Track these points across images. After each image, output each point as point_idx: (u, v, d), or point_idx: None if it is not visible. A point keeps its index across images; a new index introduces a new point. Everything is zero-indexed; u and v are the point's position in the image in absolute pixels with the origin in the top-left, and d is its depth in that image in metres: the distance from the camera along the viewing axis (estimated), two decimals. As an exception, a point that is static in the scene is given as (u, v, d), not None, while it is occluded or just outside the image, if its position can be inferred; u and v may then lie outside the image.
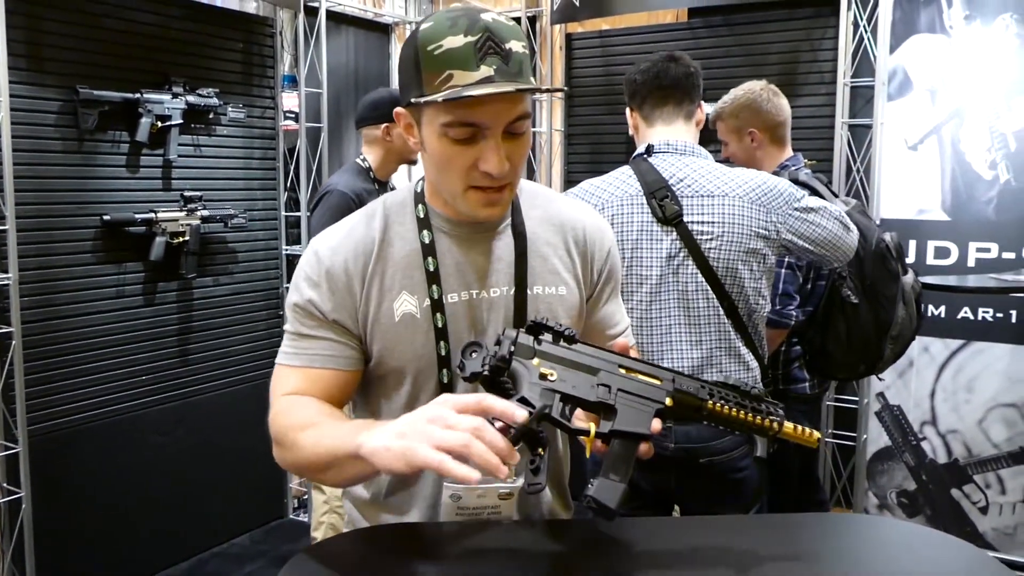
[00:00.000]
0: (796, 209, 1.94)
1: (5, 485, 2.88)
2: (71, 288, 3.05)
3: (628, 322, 1.50)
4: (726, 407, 1.13)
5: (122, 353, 3.23)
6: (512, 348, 1.10)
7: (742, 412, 1.13)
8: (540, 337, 1.13)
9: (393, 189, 2.83)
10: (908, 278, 2.47)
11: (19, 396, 2.84)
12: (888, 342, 2.45)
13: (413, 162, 3.17)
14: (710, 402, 1.13)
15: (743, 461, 1.96)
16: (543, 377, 1.09)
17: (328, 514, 2.67)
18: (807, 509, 2.88)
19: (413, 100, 1.17)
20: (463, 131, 1.15)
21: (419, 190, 1.33)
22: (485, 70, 1.11)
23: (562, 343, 1.13)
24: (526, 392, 1.07)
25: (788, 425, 1.14)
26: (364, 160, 3.02)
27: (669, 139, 1.99)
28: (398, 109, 1.25)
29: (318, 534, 3.05)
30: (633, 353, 1.46)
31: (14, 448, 2.85)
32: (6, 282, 2.79)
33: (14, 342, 2.81)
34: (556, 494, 1.41)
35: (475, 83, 1.11)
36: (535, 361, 1.10)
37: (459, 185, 1.20)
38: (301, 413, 1.21)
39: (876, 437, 3.54)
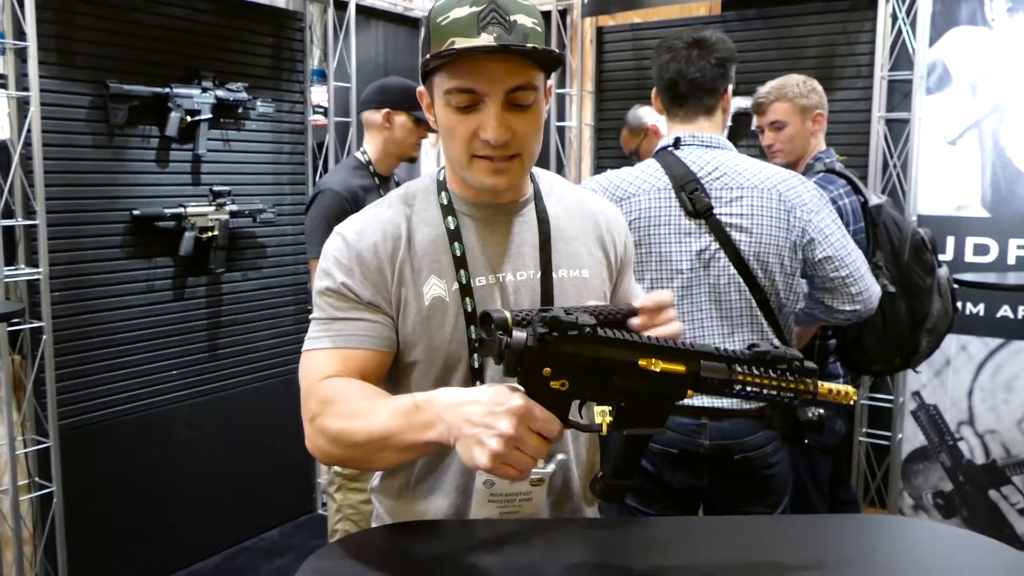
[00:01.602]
0: (818, 213, 1.92)
1: (37, 479, 2.90)
2: (101, 283, 3.06)
3: (639, 287, 1.52)
4: (754, 378, 1.10)
5: (152, 348, 3.24)
6: (519, 366, 1.04)
7: (771, 385, 1.11)
8: (551, 345, 1.04)
9: (398, 183, 2.73)
10: (943, 271, 2.45)
11: (50, 391, 2.85)
12: (924, 335, 2.43)
13: (413, 159, 2.91)
14: (740, 375, 1.10)
15: (775, 457, 1.95)
16: (554, 389, 1.05)
17: (342, 521, 2.63)
18: (836, 509, 2.83)
19: (421, 70, 1.22)
20: (462, 98, 1.17)
21: (441, 178, 1.33)
22: (485, 37, 1.13)
23: (575, 351, 1.06)
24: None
25: (824, 386, 1.13)
26: (364, 153, 2.80)
27: (695, 132, 1.96)
28: (420, 89, 1.28)
29: (332, 541, 3.01)
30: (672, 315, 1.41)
31: (45, 442, 2.87)
32: (36, 277, 2.80)
33: (45, 337, 2.82)
34: (586, 486, 1.39)
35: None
36: (546, 371, 1.05)
37: (464, 155, 1.21)
38: (351, 392, 1.18)
39: (912, 437, 3.48)
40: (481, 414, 1.02)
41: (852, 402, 1.16)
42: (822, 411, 1.89)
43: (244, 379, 3.58)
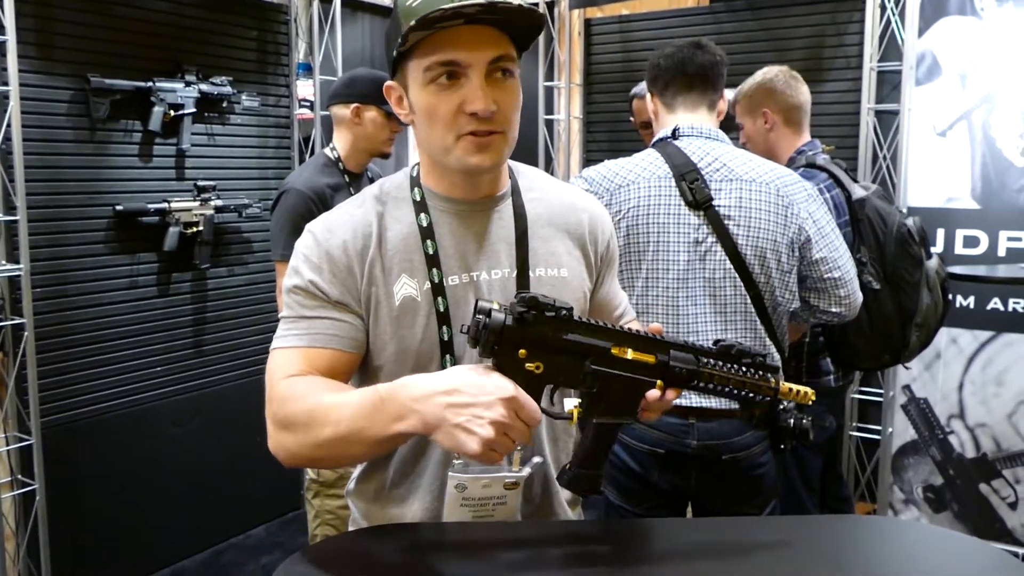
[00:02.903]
0: (816, 212, 1.91)
1: (19, 477, 2.88)
2: (83, 279, 3.03)
3: (625, 296, 1.51)
4: (719, 376, 1.15)
5: (136, 344, 3.21)
6: (496, 345, 1.06)
7: (736, 379, 1.15)
8: (529, 325, 1.07)
9: (371, 179, 2.66)
10: (932, 263, 2.40)
11: (32, 388, 2.83)
12: (913, 330, 2.39)
13: (386, 155, 2.74)
14: (705, 372, 1.14)
15: (763, 457, 1.92)
16: (529, 372, 1.08)
17: (321, 527, 2.60)
18: (830, 506, 2.82)
19: (395, 55, 1.17)
20: (444, 71, 1.14)
21: (414, 174, 1.30)
22: (458, 4, 1.09)
23: (552, 332, 1.09)
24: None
25: (784, 384, 1.18)
26: (333, 149, 2.67)
27: (694, 123, 1.94)
28: (388, 83, 1.24)
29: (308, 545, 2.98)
30: (635, 324, 1.43)
31: (27, 440, 2.84)
32: (17, 273, 2.77)
33: (26, 333, 2.79)
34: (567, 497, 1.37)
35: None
36: (521, 352, 1.07)
37: (450, 136, 1.17)
38: (312, 390, 1.15)
39: (902, 430, 3.46)
40: (466, 403, 1.02)
41: (811, 402, 1.20)
42: (806, 419, 1.89)
43: (230, 375, 3.55)
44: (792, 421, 1.88)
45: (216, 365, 3.51)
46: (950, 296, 2.50)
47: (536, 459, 1.25)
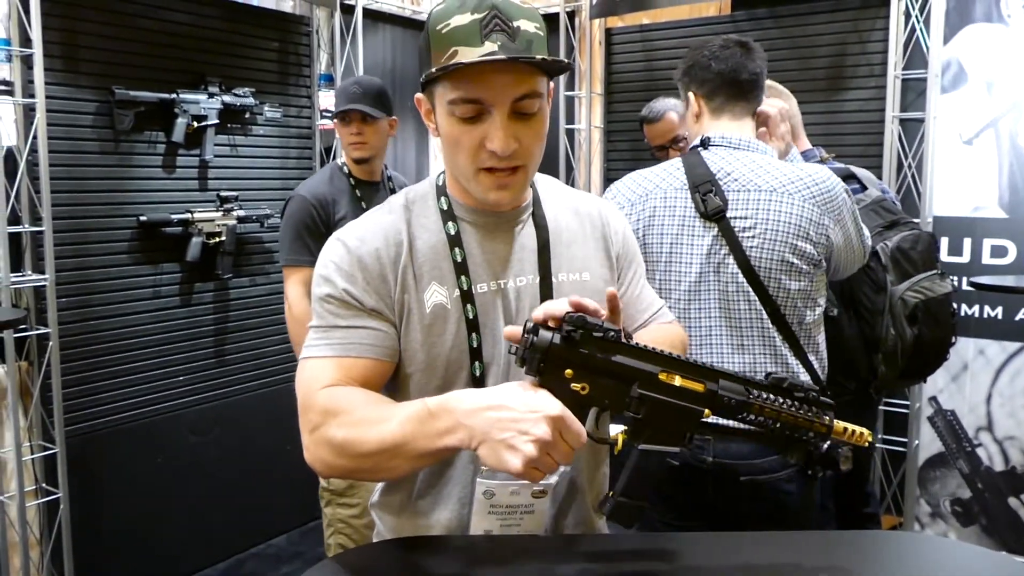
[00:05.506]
0: (840, 219, 1.84)
1: (43, 486, 2.90)
2: (107, 289, 3.06)
3: (661, 303, 1.48)
4: (769, 410, 1.11)
5: (159, 354, 3.24)
6: (542, 363, 1.06)
7: (787, 415, 1.11)
8: (576, 346, 1.06)
9: (393, 190, 2.68)
10: (900, 288, 2.21)
11: (56, 397, 2.85)
12: (881, 361, 2.25)
13: (356, 160, 2.72)
14: (756, 404, 1.11)
15: (789, 485, 1.81)
16: (574, 392, 1.06)
17: (335, 536, 2.61)
18: (856, 523, 2.74)
19: (422, 80, 1.18)
20: (467, 108, 1.14)
21: (440, 183, 1.30)
22: (489, 46, 1.10)
23: (599, 354, 1.07)
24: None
25: (839, 424, 1.12)
26: (341, 157, 2.79)
27: (726, 133, 1.88)
28: (418, 95, 1.25)
29: (328, 555, 2.98)
30: (676, 330, 1.42)
31: (52, 449, 2.87)
32: (43, 283, 2.80)
33: (51, 343, 2.82)
34: (593, 502, 1.37)
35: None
36: (568, 372, 1.06)
37: (470, 167, 1.18)
38: (355, 402, 1.14)
39: (928, 443, 3.41)
40: (513, 419, 1.01)
41: (867, 444, 1.14)
42: (841, 447, 1.82)
43: (251, 385, 3.57)
44: (825, 446, 1.81)
45: (237, 375, 3.52)
46: (979, 308, 2.41)
47: (562, 467, 1.24)
